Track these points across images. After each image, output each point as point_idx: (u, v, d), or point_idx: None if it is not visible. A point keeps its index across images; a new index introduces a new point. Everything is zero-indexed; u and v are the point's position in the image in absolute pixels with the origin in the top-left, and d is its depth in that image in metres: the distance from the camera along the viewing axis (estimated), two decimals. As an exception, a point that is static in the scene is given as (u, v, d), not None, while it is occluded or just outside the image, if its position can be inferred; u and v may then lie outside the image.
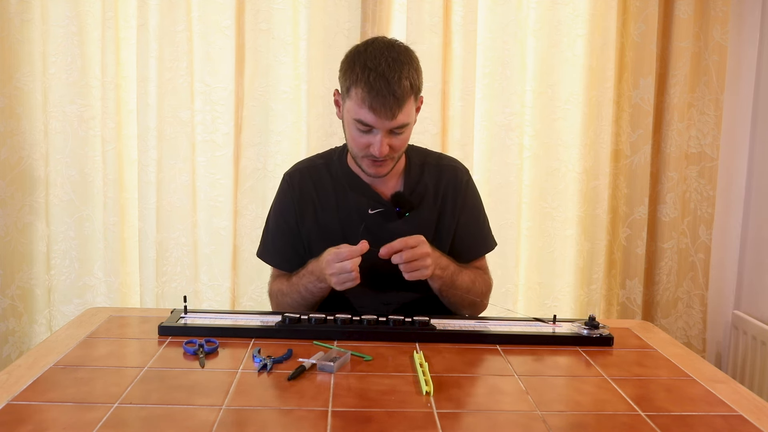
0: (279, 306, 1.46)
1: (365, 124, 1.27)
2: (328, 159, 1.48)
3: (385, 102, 1.24)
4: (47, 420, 0.87)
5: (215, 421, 0.87)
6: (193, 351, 1.12)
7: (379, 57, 1.25)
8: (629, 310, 2.24)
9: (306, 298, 1.39)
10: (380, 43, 1.30)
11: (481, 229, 1.51)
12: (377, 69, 1.24)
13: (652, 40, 2.13)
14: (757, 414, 0.95)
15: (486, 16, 2.15)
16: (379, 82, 1.23)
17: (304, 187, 1.45)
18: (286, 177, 1.49)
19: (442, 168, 1.47)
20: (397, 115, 1.26)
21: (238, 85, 2.13)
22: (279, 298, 1.45)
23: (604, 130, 2.17)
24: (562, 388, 1.03)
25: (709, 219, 2.22)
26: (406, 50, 1.30)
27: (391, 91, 1.23)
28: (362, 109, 1.26)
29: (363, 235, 1.30)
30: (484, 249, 1.51)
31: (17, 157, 2.13)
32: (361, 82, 1.25)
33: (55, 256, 2.18)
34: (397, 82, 1.24)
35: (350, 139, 1.34)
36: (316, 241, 1.42)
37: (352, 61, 1.29)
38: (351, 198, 1.42)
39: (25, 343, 2.20)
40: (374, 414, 0.91)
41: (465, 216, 1.46)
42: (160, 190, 2.13)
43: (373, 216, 1.40)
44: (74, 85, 2.13)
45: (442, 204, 1.44)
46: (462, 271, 1.40)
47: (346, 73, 1.29)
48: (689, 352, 1.22)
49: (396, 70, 1.24)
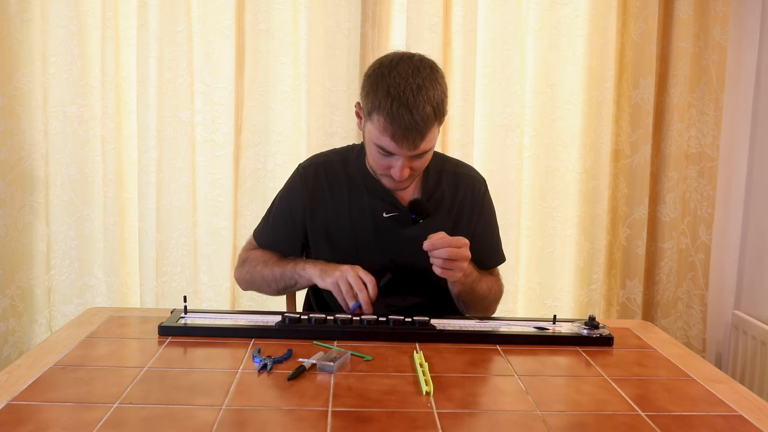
0: (249, 274, 1.47)
1: (386, 150, 1.25)
2: (345, 157, 1.46)
3: (407, 134, 1.21)
4: (47, 420, 0.87)
5: (215, 421, 0.87)
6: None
7: (404, 84, 1.20)
8: (629, 310, 2.24)
9: (285, 276, 1.39)
10: (406, 65, 1.23)
11: (495, 242, 1.52)
12: (400, 98, 1.19)
13: (652, 40, 2.13)
14: (757, 414, 0.95)
15: (486, 16, 2.15)
16: (402, 114, 1.19)
17: (318, 182, 1.43)
18: (300, 169, 1.46)
19: (459, 177, 1.46)
20: (420, 145, 1.23)
21: (238, 85, 2.13)
22: (256, 266, 1.45)
23: (604, 130, 2.17)
24: (562, 388, 1.03)
25: (709, 219, 2.22)
26: (431, 73, 1.24)
27: (414, 123, 1.19)
28: (383, 136, 1.23)
29: (378, 243, 1.30)
30: (495, 261, 1.52)
31: (17, 157, 2.13)
32: (383, 110, 1.20)
33: (55, 256, 2.18)
34: (421, 113, 1.19)
35: (371, 157, 1.32)
36: (321, 238, 1.41)
37: (376, 83, 1.23)
38: (365, 199, 1.40)
39: (25, 343, 2.20)
40: (374, 414, 0.91)
41: (481, 227, 1.46)
42: (160, 190, 2.13)
43: (387, 220, 1.39)
44: (74, 85, 2.13)
45: (458, 213, 1.44)
46: (482, 279, 1.41)
47: (369, 95, 1.24)
48: (689, 352, 1.22)
49: (420, 99, 1.19)
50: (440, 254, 1.23)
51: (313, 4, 2.10)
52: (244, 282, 1.50)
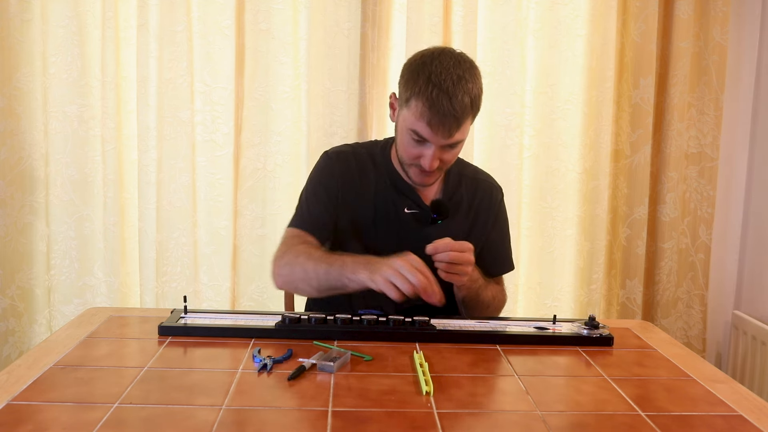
0: (289, 265, 1.33)
1: (420, 136, 1.27)
2: (370, 150, 1.47)
3: (444, 120, 1.23)
4: (47, 420, 0.87)
5: (215, 421, 0.87)
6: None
7: (445, 73, 1.23)
8: (629, 310, 2.24)
9: (332, 276, 1.27)
10: (448, 57, 1.27)
11: (506, 250, 1.53)
12: (441, 86, 1.22)
13: (652, 40, 2.13)
14: (757, 414, 0.95)
15: (486, 16, 2.15)
16: (441, 100, 1.22)
17: (349, 167, 1.43)
18: (331, 154, 1.46)
19: (478, 182, 1.49)
20: (454, 134, 1.26)
21: (238, 85, 2.13)
22: (298, 258, 1.32)
23: (604, 130, 2.17)
24: (562, 388, 1.03)
25: (709, 219, 2.22)
26: (471, 67, 1.28)
27: (452, 110, 1.22)
28: (420, 122, 1.25)
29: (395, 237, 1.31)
30: (505, 269, 1.53)
31: (17, 157, 2.13)
32: (423, 96, 1.23)
33: (55, 256, 2.18)
34: (460, 102, 1.23)
35: (401, 146, 1.33)
36: (345, 222, 1.41)
37: (416, 71, 1.26)
38: (390, 192, 1.42)
39: (25, 343, 2.20)
40: (374, 414, 0.91)
41: (495, 234, 1.48)
42: (160, 190, 2.13)
43: (408, 216, 1.41)
44: (74, 85, 2.13)
45: (475, 218, 1.46)
46: (488, 286, 1.42)
47: (408, 82, 1.27)
48: (689, 352, 1.22)
49: (460, 89, 1.23)
50: (443, 258, 1.24)
51: (313, 4, 2.10)
52: (282, 277, 1.36)
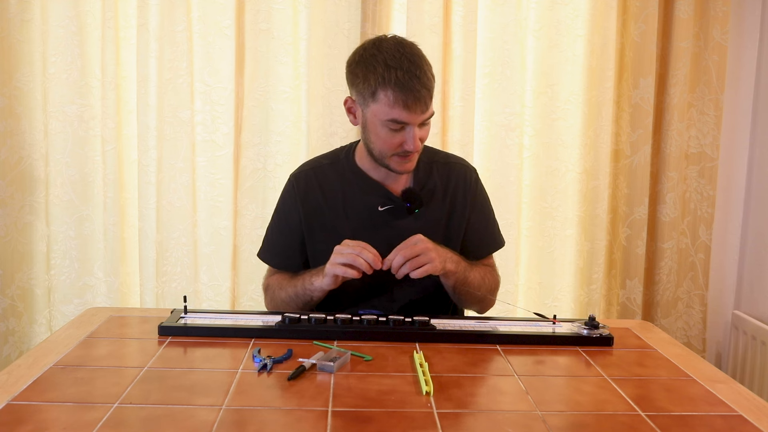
0: (272, 300, 1.46)
1: (399, 122, 1.27)
2: (334, 159, 1.48)
3: (418, 96, 1.25)
4: (47, 420, 0.87)
5: (215, 421, 0.87)
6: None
7: (398, 55, 1.26)
8: (629, 310, 2.23)
9: (299, 295, 1.38)
10: (390, 42, 1.30)
11: (491, 228, 1.52)
12: (402, 67, 1.25)
13: (652, 40, 2.13)
14: (757, 414, 0.95)
15: (486, 16, 2.15)
16: (409, 80, 1.24)
17: (310, 188, 1.44)
18: (291, 178, 1.48)
19: (450, 166, 1.48)
20: (430, 106, 1.29)
21: (238, 85, 2.13)
22: (274, 291, 1.45)
23: (604, 130, 2.17)
24: (562, 388, 1.03)
25: (709, 219, 2.22)
26: (413, 47, 1.30)
27: (423, 84, 1.25)
28: (395, 108, 1.26)
29: (376, 238, 1.31)
30: (494, 247, 1.52)
31: (17, 157, 2.13)
32: (389, 83, 1.25)
33: (55, 256, 2.18)
34: (425, 74, 1.26)
35: (378, 141, 1.32)
36: (321, 242, 1.41)
37: (368, 65, 1.28)
38: (359, 196, 1.42)
39: (25, 343, 2.20)
40: (374, 414, 0.91)
41: (475, 215, 1.47)
42: (160, 190, 2.13)
43: (383, 213, 1.40)
44: (74, 85, 2.12)
45: (452, 203, 1.45)
46: (473, 268, 1.41)
47: (366, 77, 1.28)
48: (689, 352, 1.22)
49: (417, 64, 1.26)
50: (398, 261, 1.26)
51: (313, 4, 2.10)
52: (271, 307, 1.49)
